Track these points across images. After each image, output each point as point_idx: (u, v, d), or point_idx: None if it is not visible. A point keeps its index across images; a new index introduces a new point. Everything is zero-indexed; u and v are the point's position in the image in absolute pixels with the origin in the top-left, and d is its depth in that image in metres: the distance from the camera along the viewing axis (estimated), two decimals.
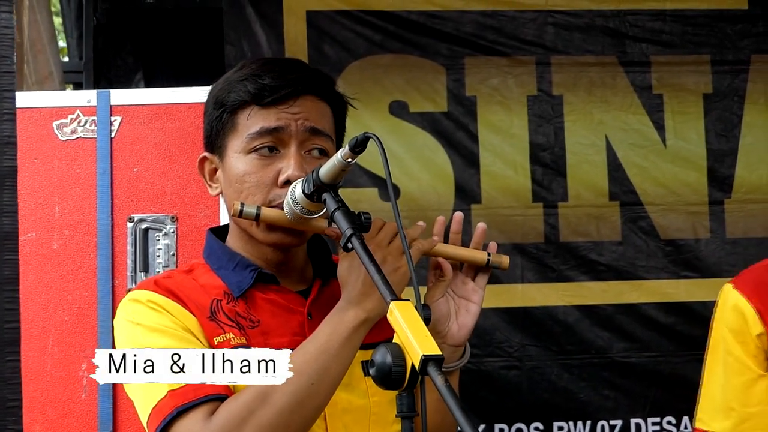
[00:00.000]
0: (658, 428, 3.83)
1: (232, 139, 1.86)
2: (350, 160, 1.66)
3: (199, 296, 1.82)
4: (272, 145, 1.84)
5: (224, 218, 2.81)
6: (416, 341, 1.44)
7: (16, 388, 1.39)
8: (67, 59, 5.54)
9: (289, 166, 1.81)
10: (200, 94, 2.89)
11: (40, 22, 4.00)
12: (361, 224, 1.69)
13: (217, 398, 1.69)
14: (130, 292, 1.89)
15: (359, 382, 1.81)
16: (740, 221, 3.94)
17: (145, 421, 1.74)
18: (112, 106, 2.91)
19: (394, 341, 1.48)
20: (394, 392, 1.49)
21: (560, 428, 3.82)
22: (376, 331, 1.77)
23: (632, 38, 4.01)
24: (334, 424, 1.79)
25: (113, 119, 2.91)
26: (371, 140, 1.64)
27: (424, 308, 1.54)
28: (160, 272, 2.83)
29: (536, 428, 3.82)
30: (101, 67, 4.51)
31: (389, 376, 1.46)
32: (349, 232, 1.65)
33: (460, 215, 1.91)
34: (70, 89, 5.08)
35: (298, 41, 3.87)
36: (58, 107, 2.92)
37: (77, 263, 2.87)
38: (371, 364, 1.49)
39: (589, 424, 3.83)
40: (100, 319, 2.84)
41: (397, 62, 3.92)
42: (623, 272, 3.92)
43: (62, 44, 6.39)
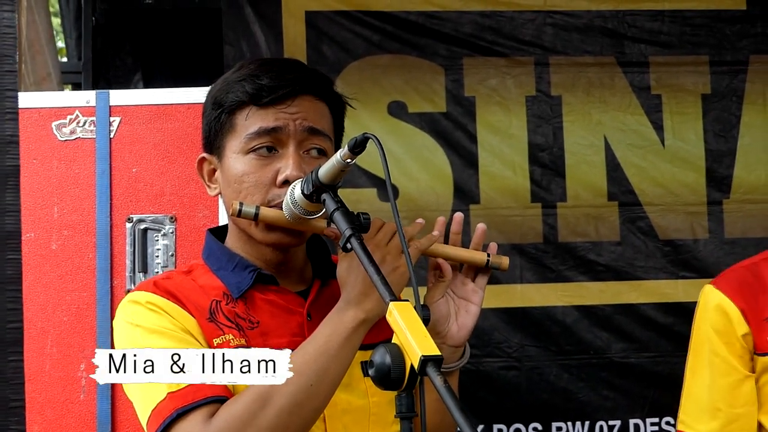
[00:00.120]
0: (656, 428, 3.83)
1: (230, 139, 1.86)
2: (349, 160, 1.66)
3: (198, 297, 1.82)
4: (270, 145, 1.84)
5: (223, 219, 2.81)
6: (415, 342, 1.44)
7: (18, 388, 1.39)
8: (65, 60, 5.53)
9: (287, 166, 1.81)
10: (199, 94, 2.88)
11: (38, 22, 3.99)
12: (360, 225, 1.69)
13: (216, 400, 1.69)
14: (129, 293, 1.89)
15: (358, 382, 1.81)
16: (739, 221, 3.94)
17: (144, 422, 1.74)
18: (111, 106, 2.90)
19: (393, 342, 1.48)
20: (393, 393, 1.49)
21: (559, 428, 3.82)
22: (375, 331, 1.77)
23: (631, 39, 4.00)
24: (333, 424, 1.79)
25: (112, 120, 2.91)
26: (370, 141, 1.64)
27: (423, 309, 1.54)
28: (158, 273, 2.83)
29: (535, 428, 3.82)
30: (100, 67, 4.51)
31: (388, 376, 1.46)
32: (348, 232, 1.65)
33: (460, 216, 1.91)
34: (68, 90, 5.08)
35: (296, 42, 3.86)
36: (57, 107, 2.91)
37: (76, 264, 2.87)
38: (370, 364, 1.49)
39: (587, 424, 3.82)
40: (98, 319, 2.84)
41: (395, 63, 3.91)
42: (622, 272, 3.91)
43: (61, 45, 6.39)
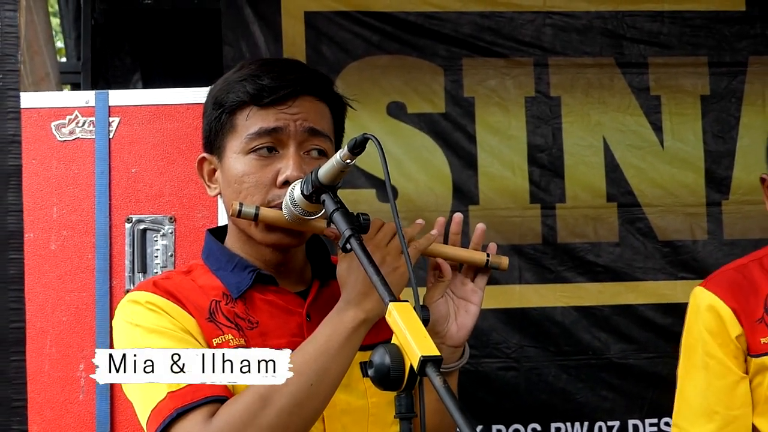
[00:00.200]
0: (655, 429, 3.83)
1: (231, 139, 1.86)
2: (349, 161, 1.66)
3: (197, 297, 1.82)
4: (271, 145, 1.83)
5: (222, 219, 2.81)
6: (415, 342, 1.44)
7: (20, 388, 1.39)
8: (64, 60, 5.53)
9: (288, 166, 1.81)
10: (198, 94, 2.88)
11: (36, 23, 3.99)
12: (359, 225, 1.68)
13: (216, 400, 1.69)
14: (128, 293, 1.88)
15: (358, 383, 1.81)
16: (738, 222, 3.94)
17: (144, 422, 1.73)
18: (110, 106, 2.91)
19: (392, 342, 1.48)
20: (392, 393, 1.49)
21: (558, 429, 3.82)
22: (374, 332, 1.77)
23: (630, 39, 4.00)
24: (332, 425, 1.79)
25: (111, 120, 2.91)
26: (370, 141, 1.64)
27: (422, 309, 1.54)
28: (158, 273, 2.83)
29: (534, 429, 3.82)
30: (99, 67, 4.50)
31: (388, 377, 1.46)
32: (347, 233, 1.64)
33: (459, 216, 1.91)
34: (67, 90, 5.08)
35: (296, 42, 3.86)
36: (56, 108, 2.92)
37: (75, 264, 2.87)
38: (370, 365, 1.49)
39: (586, 425, 3.82)
40: (97, 319, 2.84)
41: (395, 63, 3.91)
42: (621, 273, 3.91)
43: (60, 45, 6.39)
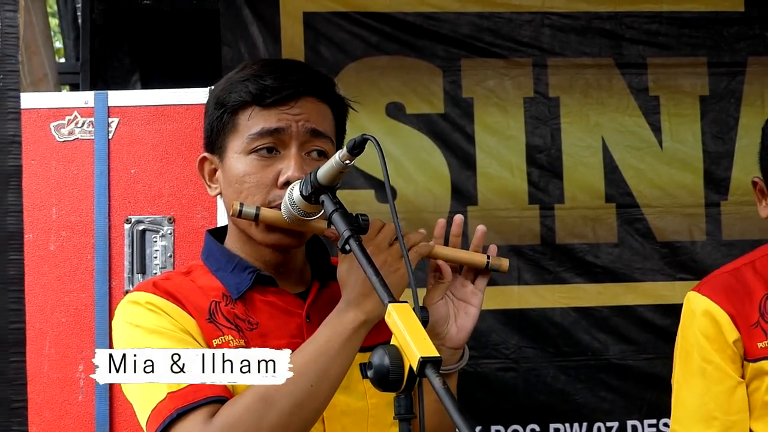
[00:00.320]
0: (654, 430, 3.83)
1: (232, 139, 1.86)
2: (348, 161, 1.66)
3: (197, 298, 1.82)
4: (272, 146, 1.83)
5: (221, 219, 2.81)
6: (414, 343, 1.44)
7: (20, 389, 1.38)
8: (63, 60, 5.53)
9: (289, 167, 1.81)
10: (198, 95, 2.91)
11: (35, 23, 3.99)
12: (359, 226, 1.68)
13: (217, 400, 1.69)
14: (128, 294, 1.89)
15: (357, 384, 1.81)
16: (736, 223, 3.93)
17: (144, 422, 1.73)
18: (109, 107, 2.91)
19: (391, 343, 1.48)
20: (392, 394, 1.48)
21: (557, 430, 3.82)
22: (374, 333, 1.77)
23: (629, 40, 4.00)
24: (332, 426, 1.79)
25: (111, 120, 2.91)
26: (369, 142, 1.64)
27: (421, 310, 1.54)
28: (157, 274, 2.83)
29: (532, 430, 3.81)
30: (98, 68, 4.49)
31: (387, 378, 1.46)
32: (346, 234, 1.64)
33: (460, 218, 1.90)
34: (66, 90, 5.08)
35: (294, 43, 3.86)
36: (55, 108, 2.92)
37: (74, 265, 2.87)
38: (369, 366, 1.49)
39: (585, 425, 3.82)
40: (97, 320, 2.84)
41: (393, 64, 3.91)
42: (619, 274, 3.91)
43: (59, 45, 6.39)
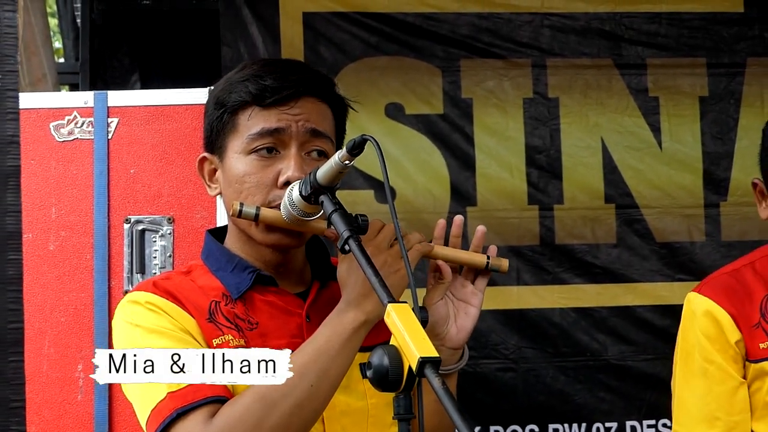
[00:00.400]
0: (653, 431, 3.83)
1: (232, 139, 1.86)
2: (348, 162, 1.66)
3: (197, 298, 1.82)
4: (272, 146, 1.83)
5: (221, 219, 2.81)
6: (413, 343, 1.44)
7: (19, 388, 1.38)
8: (63, 60, 5.53)
9: (289, 167, 1.81)
10: (197, 95, 2.91)
11: (34, 24, 3.99)
12: (358, 226, 1.68)
13: (217, 400, 1.69)
14: (128, 293, 1.89)
15: (357, 384, 1.81)
16: (736, 224, 3.93)
17: (144, 422, 1.73)
18: (109, 107, 2.91)
19: (391, 343, 1.48)
20: (391, 394, 1.48)
21: (556, 430, 3.82)
22: (374, 333, 1.76)
23: (628, 41, 4.00)
24: (332, 426, 1.79)
25: (110, 120, 2.91)
26: (368, 143, 1.64)
27: (421, 310, 1.54)
28: (156, 273, 2.83)
29: (532, 430, 3.81)
30: (97, 68, 4.50)
31: (386, 378, 1.46)
32: (346, 234, 1.64)
33: (460, 218, 1.90)
34: (65, 90, 5.08)
35: (294, 43, 3.86)
36: (55, 108, 2.92)
37: (74, 264, 2.87)
38: (368, 366, 1.49)
39: (584, 426, 3.82)
40: (96, 320, 2.84)
41: (393, 64, 3.91)
42: (618, 275, 3.91)
43: (58, 45, 6.39)
